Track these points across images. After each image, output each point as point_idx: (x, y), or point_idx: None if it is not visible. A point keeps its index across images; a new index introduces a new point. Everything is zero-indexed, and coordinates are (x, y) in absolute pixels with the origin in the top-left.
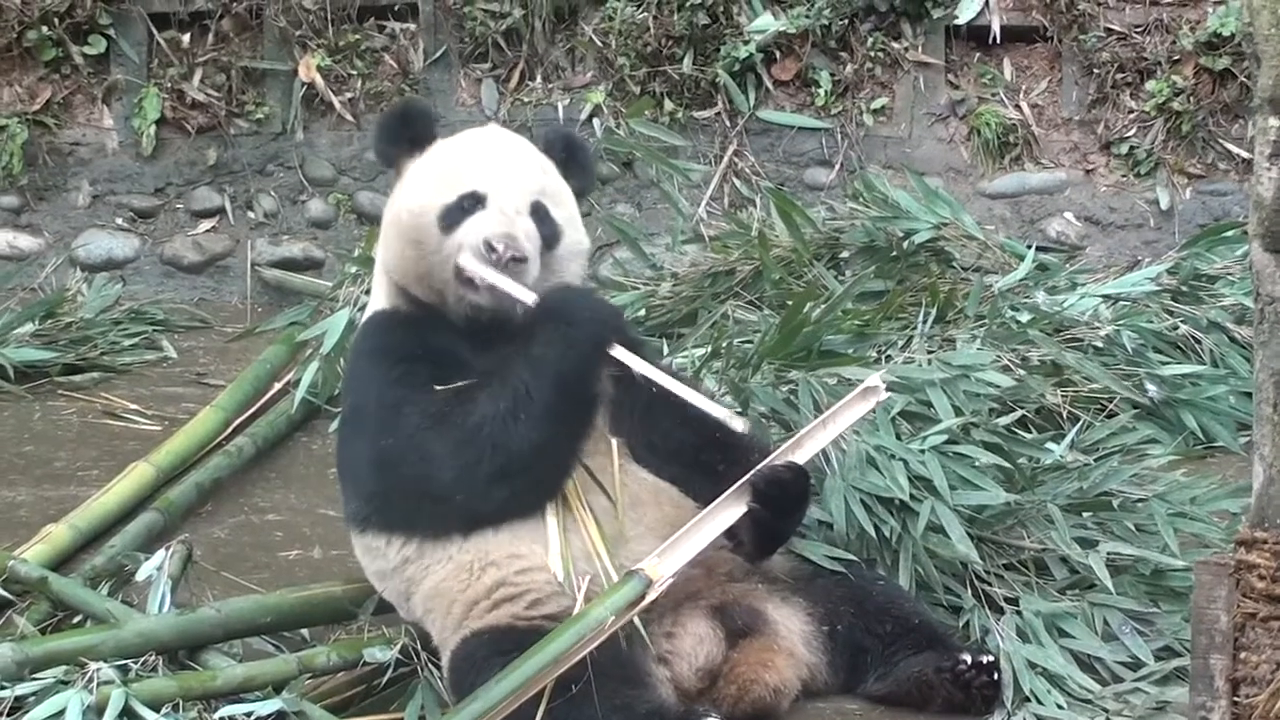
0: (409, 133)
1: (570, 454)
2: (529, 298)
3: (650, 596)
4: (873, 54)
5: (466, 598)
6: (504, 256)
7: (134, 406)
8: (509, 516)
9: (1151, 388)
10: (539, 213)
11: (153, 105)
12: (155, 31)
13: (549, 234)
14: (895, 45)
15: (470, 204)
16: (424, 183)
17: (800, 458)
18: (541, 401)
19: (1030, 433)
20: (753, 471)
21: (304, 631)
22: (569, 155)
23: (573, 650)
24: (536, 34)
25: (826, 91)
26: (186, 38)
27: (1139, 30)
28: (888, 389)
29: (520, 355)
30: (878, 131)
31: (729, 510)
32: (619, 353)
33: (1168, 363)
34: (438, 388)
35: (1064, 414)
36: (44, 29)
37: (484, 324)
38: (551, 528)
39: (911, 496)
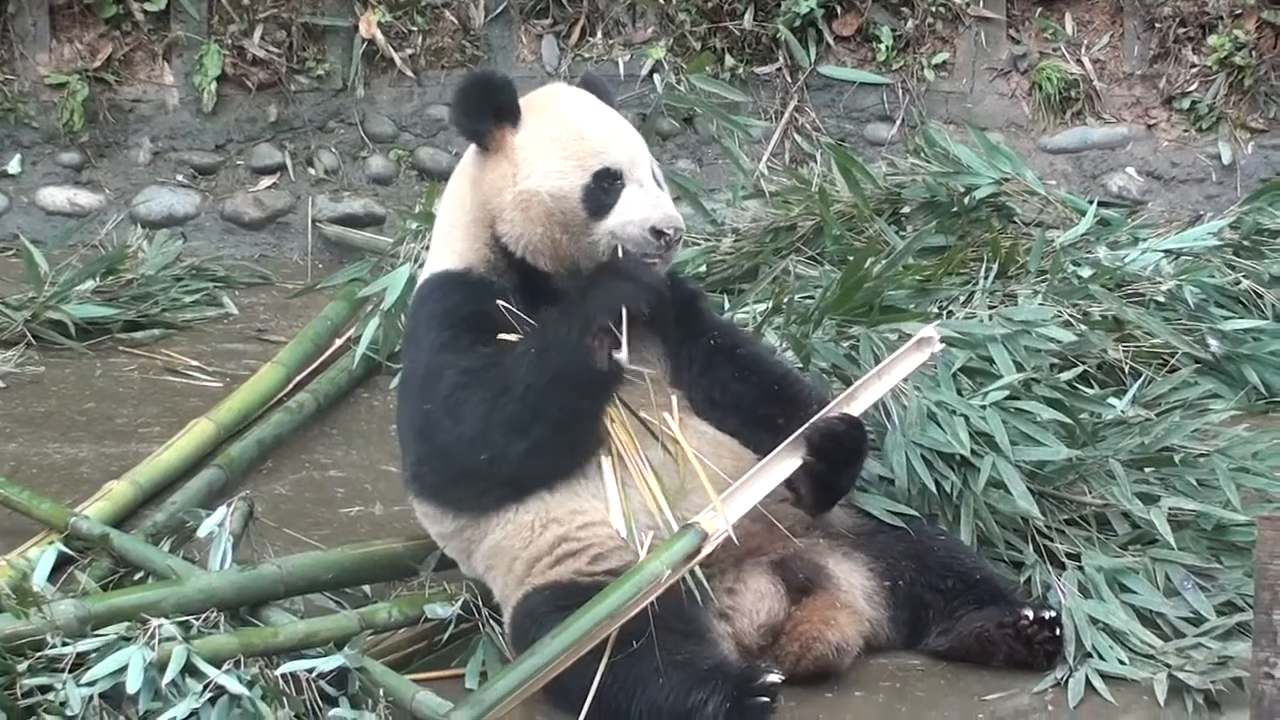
0: (495, 104)
1: (583, 418)
2: None
3: (705, 550)
4: (933, 9)
5: (528, 554)
6: (674, 240)
7: (195, 363)
8: (534, 475)
9: (1213, 342)
10: (656, 178)
11: (213, 62)
12: None
13: None
14: (956, 0)
15: (609, 182)
16: (549, 161)
17: (855, 410)
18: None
19: (1091, 388)
20: (807, 424)
21: (365, 588)
22: (607, 101)
23: (630, 604)
24: None
25: (887, 47)
26: None
27: None
28: (943, 342)
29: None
30: (939, 86)
31: (784, 463)
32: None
33: (1229, 318)
34: (482, 349)
35: (1125, 369)
36: None
37: None
38: (610, 483)
39: (973, 452)
